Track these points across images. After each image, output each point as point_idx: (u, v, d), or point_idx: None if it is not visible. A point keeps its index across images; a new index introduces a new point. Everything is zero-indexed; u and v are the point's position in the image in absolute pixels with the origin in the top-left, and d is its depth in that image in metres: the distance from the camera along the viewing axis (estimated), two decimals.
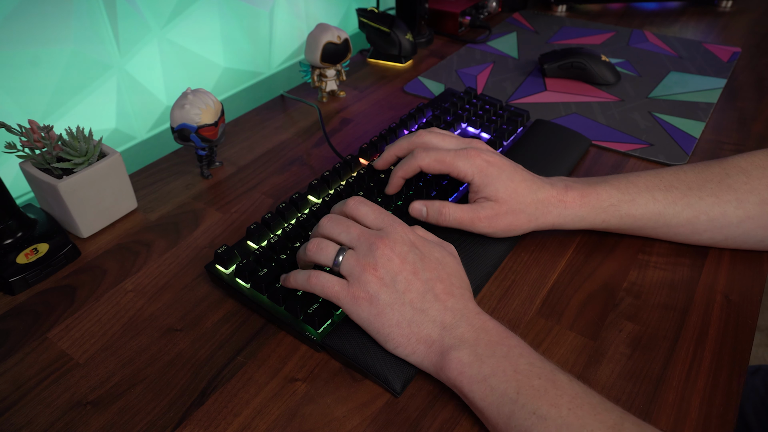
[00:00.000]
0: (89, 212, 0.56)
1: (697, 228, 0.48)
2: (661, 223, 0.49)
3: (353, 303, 0.40)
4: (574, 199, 0.49)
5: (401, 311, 0.39)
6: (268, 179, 0.65)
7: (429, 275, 0.41)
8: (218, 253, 0.49)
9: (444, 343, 0.38)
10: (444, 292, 0.40)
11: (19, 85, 0.62)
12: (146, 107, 0.77)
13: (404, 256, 0.41)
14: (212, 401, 0.41)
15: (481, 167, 0.48)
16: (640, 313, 0.46)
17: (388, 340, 0.40)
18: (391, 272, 0.40)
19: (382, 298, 0.40)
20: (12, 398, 0.41)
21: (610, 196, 0.49)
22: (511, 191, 0.48)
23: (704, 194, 0.48)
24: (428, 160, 0.50)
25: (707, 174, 0.48)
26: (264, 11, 0.89)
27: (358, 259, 0.41)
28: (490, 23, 1.05)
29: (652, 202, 0.48)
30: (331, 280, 0.41)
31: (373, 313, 0.40)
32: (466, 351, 0.37)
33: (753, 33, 0.97)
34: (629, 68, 0.85)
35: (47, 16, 0.62)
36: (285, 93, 0.82)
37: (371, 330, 0.40)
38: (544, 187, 0.49)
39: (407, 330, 0.39)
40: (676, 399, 0.39)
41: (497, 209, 0.48)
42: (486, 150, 0.50)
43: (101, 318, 0.48)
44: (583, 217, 0.49)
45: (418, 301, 0.40)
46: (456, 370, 0.37)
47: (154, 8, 0.73)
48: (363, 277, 0.40)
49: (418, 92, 0.81)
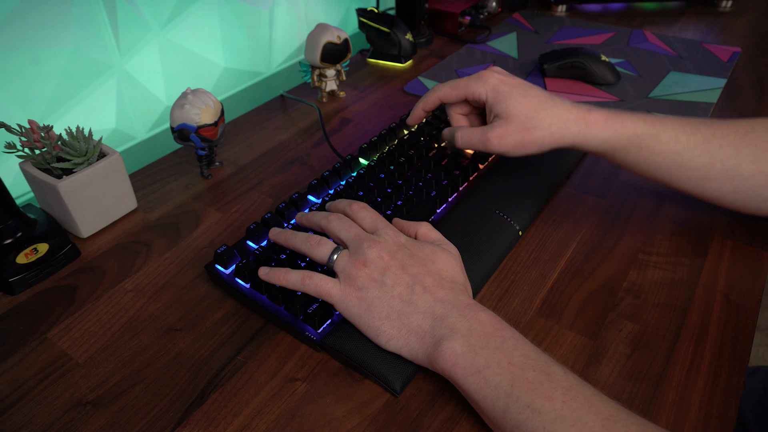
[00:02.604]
0: (89, 212, 0.56)
1: (710, 175, 0.48)
2: (677, 164, 0.48)
3: (344, 300, 0.41)
4: (597, 120, 0.48)
5: (390, 304, 0.40)
6: (268, 179, 0.65)
7: (417, 270, 0.41)
8: (218, 253, 0.49)
9: (436, 334, 0.38)
10: (433, 284, 0.40)
11: (19, 85, 0.62)
12: (146, 107, 0.77)
13: (393, 253, 0.42)
14: (212, 401, 0.41)
15: (494, 85, 0.50)
16: (640, 313, 0.46)
17: (380, 334, 0.40)
18: (379, 268, 0.41)
19: (371, 292, 0.40)
20: (12, 398, 0.41)
21: (635, 125, 0.48)
22: (522, 106, 0.49)
23: (725, 143, 0.47)
24: (445, 89, 0.53)
25: (734, 126, 0.48)
26: (264, 11, 0.89)
27: (350, 258, 0.42)
28: (490, 23, 1.05)
29: (674, 141, 0.48)
30: (324, 279, 0.42)
31: (363, 307, 0.40)
32: (459, 341, 0.37)
33: (753, 33, 0.97)
34: (629, 68, 0.85)
35: (47, 16, 0.62)
36: (285, 93, 0.82)
37: (362, 325, 0.41)
38: (563, 103, 0.49)
39: (397, 322, 0.40)
40: (676, 399, 0.39)
41: (506, 126, 0.49)
42: (501, 71, 0.53)
43: (101, 318, 0.48)
44: (605, 140, 0.49)
45: (406, 294, 0.40)
46: (449, 361, 0.37)
47: (154, 8, 0.73)
48: (353, 274, 0.41)
49: (418, 92, 0.81)
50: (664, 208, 0.57)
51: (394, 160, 0.60)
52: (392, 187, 0.56)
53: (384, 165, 0.59)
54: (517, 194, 0.55)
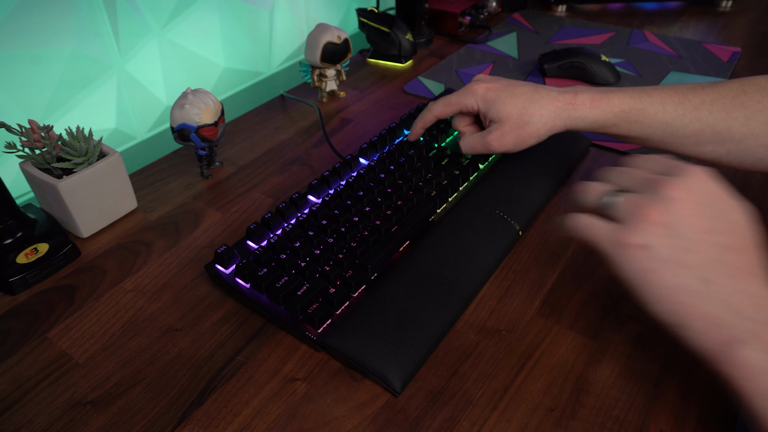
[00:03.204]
0: (89, 212, 0.56)
1: (702, 140, 0.49)
2: (668, 134, 0.49)
3: (620, 249, 0.34)
4: (584, 102, 0.50)
5: (682, 275, 0.33)
6: (268, 179, 0.65)
7: (723, 239, 0.33)
8: (218, 253, 0.49)
9: (732, 334, 0.31)
10: (738, 267, 0.32)
11: (19, 84, 0.62)
12: (146, 107, 0.77)
13: (698, 203, 0.33)
14: (212, 401, 0.41)
15: (482, 94, 0.53)
16: (640, 313, 0.46)
17: (656, 302, 0.34)
18: (676, 219, 0.33)
19: (659, 251, 0.33)
20: (12, 398, 0.41)
21: (621, 102, 0.49)
22: (511, 107, 0.51)
23: (715, 109, 0.48)
24: (439, 107, 0.57)
25: (724, 89, 0.48)
26: (264, 11, 0.89)
27: (636, 199, 0.34)
28: (490, 23, 1.05)
29: (662, 113, 0.49)
30: (596, 221, 0.36)
31: (644, 267, 0.33)
32: (761, 355, 0.30)
33: (753, 33, 0.97)
34: (629, 68, 0.85)
35: (47, 16, 0.62)
36: (285, 93, 0.82)
37: (638, 285, 0.34)
38: (549, 93, 0.51)
39: (687, 299, 0.32)
40: (676, 398, 0.39)
41: (502, 128, 0.52)
42: (487, 78, 0.55)
43: (101, 318, 0.48)
44: (594, 120, 0.50)
45: (702, 269, 0.32)
46: (741, 376, 0.31)
47: (154, 8, 0.73)
48: (638, 220, 0.33)
49: (418, 92, 0.81)
50: None
51: (394, 160, 0.60)
52: (392, 187, 0.56)
53: (384, 165, 0.59)
54: (517, 194, 0.55)
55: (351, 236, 0.50)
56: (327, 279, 0.46)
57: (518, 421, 0.39)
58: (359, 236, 0.50)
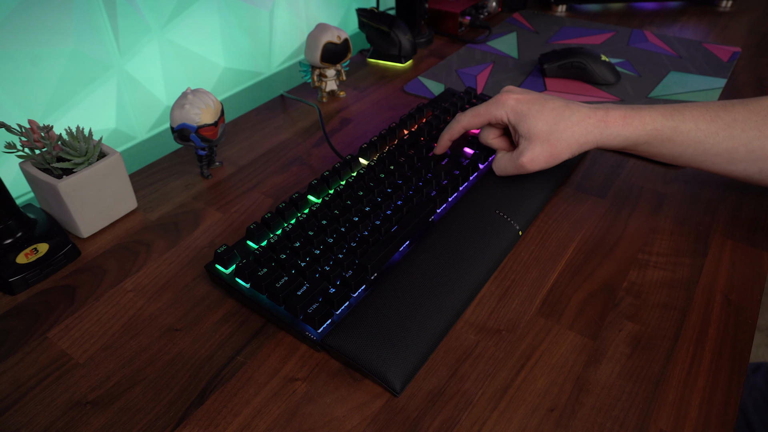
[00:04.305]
0: (89, 212, 0.56)
1: (735, 158, 0.49)
2: (700, 151, 0.49)
3: None
4: (617, 119, 0.50)
5: None
6: (268, 179, 0.65)
7: None
8: (218, 253, 0.49)
9: None
10: None
11: (19, 85, 0.62)
12: (146, 107, 0.77)
13: None
14: (212, 401, 0.41)
15: (512, 106, 0.52)
16: (640, 313, 0.46)
17: None
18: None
19: None
20: (12, 398, 0.41)
21: (654, 120, 0.49)
22: (542, 123, 0.51)
23: (747, 127, 0.48)
24: (467, 118, 0.56)
25: (755, 107, 0.48)
26: (264, 11, 0.89)
27: None
28: (490, 23, 1.05)
29: (694, 131, 0.49)
30: None
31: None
32: None
33: (753, 33, 0.97)
34: (629, 68, 0.85)
35: (47, 16, 0.62)
36: (285, 93, 0.82)
37: None
38: (580, 110, 0.51)
39: None
40: (676, 398, 0.39)
41: (533, 148, 0.51)
42: (517, 90, 0.55)
43: (101, 318, 0.48)
44: (626, 137, 0.50)
45: None
46: None
47: (154, 8, 0.73)
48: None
49: (418, 92, 0.81)
50: (664, 208, 0.57)
51: (394, 160, 0.60)
52: (392, 187, 0.56)
53: (384, 165, 0.59)
54: (517, 194, 0.55)
55: (351, 236, 0.50)
56: (327, 279, 0.46)
57: (518, 421, 0.39)
58: (359, 236, 0.50)
